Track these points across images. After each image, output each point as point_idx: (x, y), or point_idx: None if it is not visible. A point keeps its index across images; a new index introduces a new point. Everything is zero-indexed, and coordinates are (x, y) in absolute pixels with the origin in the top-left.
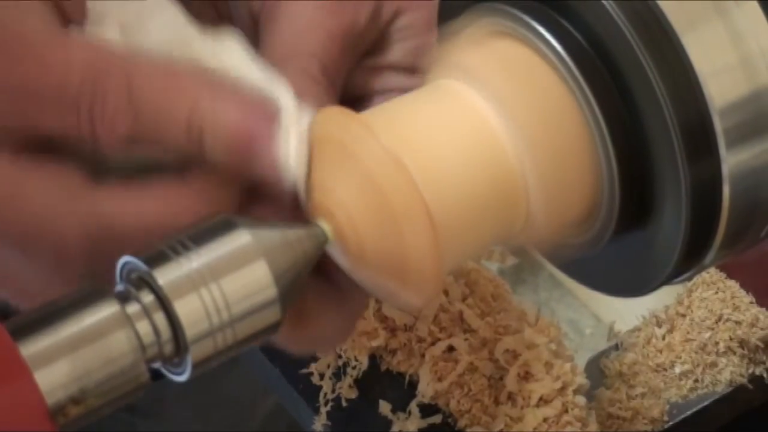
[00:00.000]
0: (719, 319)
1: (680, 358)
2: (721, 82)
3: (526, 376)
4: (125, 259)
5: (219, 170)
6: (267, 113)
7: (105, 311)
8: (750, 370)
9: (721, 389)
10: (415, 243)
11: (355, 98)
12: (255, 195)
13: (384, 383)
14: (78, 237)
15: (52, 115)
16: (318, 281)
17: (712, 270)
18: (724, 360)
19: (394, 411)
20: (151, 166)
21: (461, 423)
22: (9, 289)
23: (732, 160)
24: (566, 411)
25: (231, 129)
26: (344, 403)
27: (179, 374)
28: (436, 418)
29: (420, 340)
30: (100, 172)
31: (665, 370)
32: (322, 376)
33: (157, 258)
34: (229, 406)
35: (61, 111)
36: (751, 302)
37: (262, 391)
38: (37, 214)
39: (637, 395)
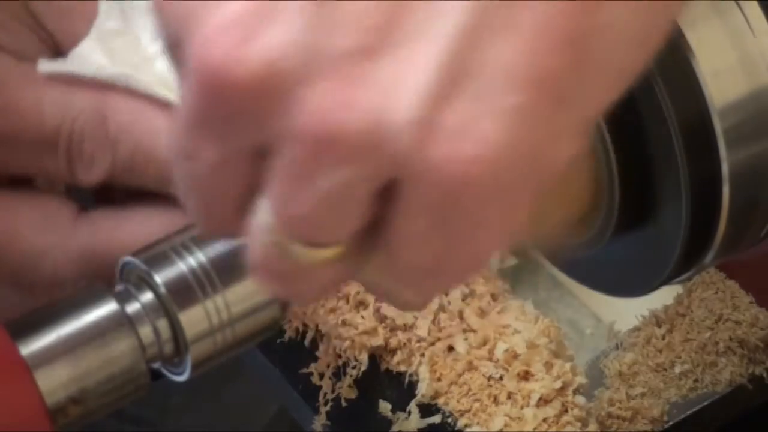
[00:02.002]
0: (719, 318)
1: (680, 357)
2: (721, 82)
3: (525, 376)
4: (125, 259)
5: None
6: None
7: (105, 311)
8: (750, 370)
9: (721, 389)
10: None
11: None
12: None
13: (384, 383)
14: (68, 270)
15: (28, 157)
16: None
17: (712, 270)
18: (723, 360)
19: (393, 411)
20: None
21: (461, 423)
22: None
23: (732, 160)
24: (566, 411)
25: None
26: (344, 403)
27: (179, 374)
28: (436, 418)
29: (420, 339)
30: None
31: (665, 369)
32: (321, 376)
33: (157, 258)
34: (232, 414)
35: (37, 153)
36: (751, 302)
37: (264, 399)
38: (30, 252)
39: (637, 395)
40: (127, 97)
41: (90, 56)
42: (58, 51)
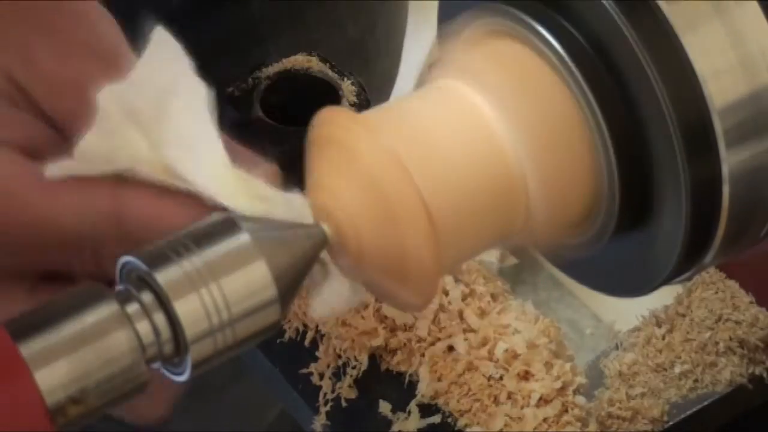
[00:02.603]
0: (719, 318)
1: (680, 358)
2: (720, 82)
3: (525, 376)
4: (125, 259)
5: None
6: None
7: (105, 311)
8: (750, 370)
9: (720, 389)
10: (415, 243)
11: None
12: None
13: (384, 383)
14: None
15: (56, 259)
16: None
17: (712, 270)
18: (723, 360)
19: (393, 411)
20: None
21: (461, 423)
22: None
23: (732, 160)
24: (566, 411)
25: None
26: (344, 403)
27: (179, 374)
28: (436, 418)
29: (420, 339)
30: None
31: (665, 370)
32: (321, 376)
33: (157, 258)
34: (234, 416)
35: (65, 256)
36: (751, 302)
37: (266, 401)
38: None
39: (637, 395)
40: (141, 193)
41: (96, 150)
42: (59, 131)
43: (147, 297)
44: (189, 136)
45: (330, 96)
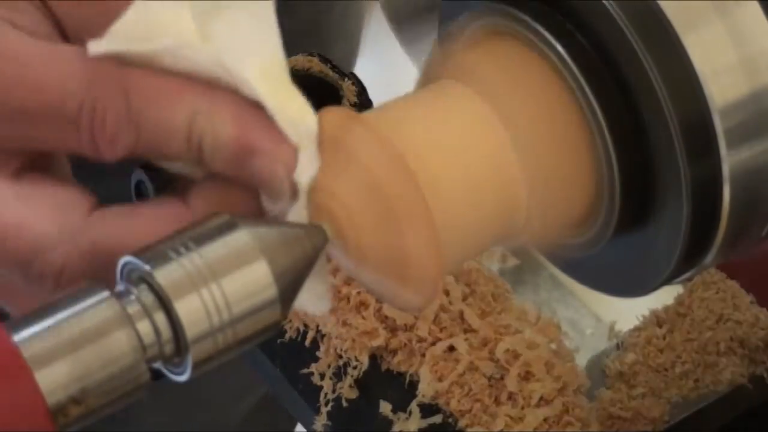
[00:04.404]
0: (720, 319)
1: (681, 358)
2: (721, 82)
3: (526, 376)
4: (126, 259)
5: (220, 184)
6: (265, 123)
7: (106, 311)
8: (750, 370)
9: (721, 389)
10: (416, 243)
11: None
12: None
13: (384, 383)
14: (77, 263)
15: (51, 133)
16: None
17: (713, 270)
18: (724, 360)
19: (394, 411)
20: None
21: (462, 423)
22: (13, 304)
23: (733, 160)
24: (567, 411)
25: (230, 140)
26: (345, 403)
27: (180, 374)
28: (437, 418)
29: (420, 339)
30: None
31: (666, 370)
32: (322, 376)
33: (158, 258)
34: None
35: (61, 129)
36: (752, 302)
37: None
38: (39, 242)
39: (637, 395)
40: (149, 74)
41: (134, 28)
42: (66, 37)
43: (147, 297)
44: (245, 30)
45: (331, 96)
